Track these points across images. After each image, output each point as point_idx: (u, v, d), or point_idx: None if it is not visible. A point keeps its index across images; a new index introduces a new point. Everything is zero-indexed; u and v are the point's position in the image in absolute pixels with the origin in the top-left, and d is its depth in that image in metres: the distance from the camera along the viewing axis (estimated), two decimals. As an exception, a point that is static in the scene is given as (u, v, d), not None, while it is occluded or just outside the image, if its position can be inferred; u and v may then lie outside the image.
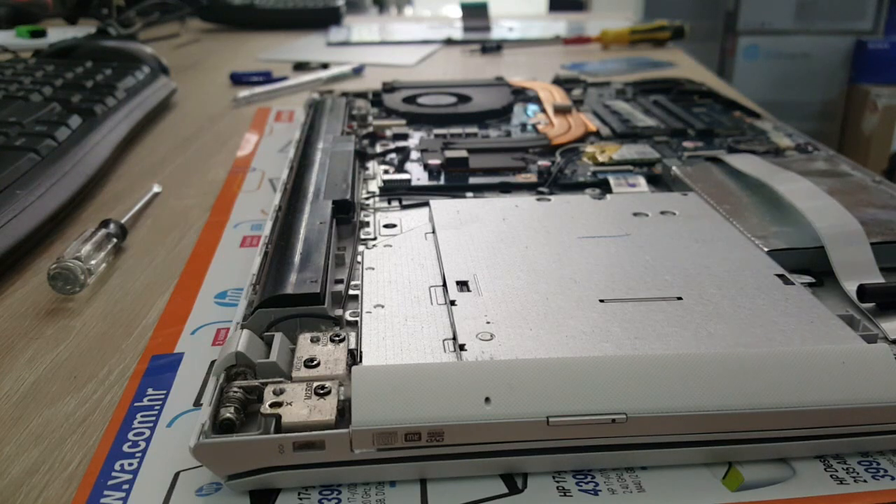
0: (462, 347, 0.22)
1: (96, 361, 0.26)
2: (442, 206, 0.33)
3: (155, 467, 0.21)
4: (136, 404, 0.23)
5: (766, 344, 0.22)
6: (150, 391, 0.24)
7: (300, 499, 0.19)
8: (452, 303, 0.25)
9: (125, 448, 0.21)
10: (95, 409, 0.23)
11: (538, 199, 0.33)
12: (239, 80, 0.69)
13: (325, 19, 1.01)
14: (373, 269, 0.27)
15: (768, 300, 0.24)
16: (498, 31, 0.95)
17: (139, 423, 0.23)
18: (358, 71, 0.73)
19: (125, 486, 0.20)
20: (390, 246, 0.29)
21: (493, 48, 0.84)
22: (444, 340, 0.23)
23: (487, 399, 0.19)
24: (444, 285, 0.26)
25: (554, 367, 0.20)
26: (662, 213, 0.32)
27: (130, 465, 0.21)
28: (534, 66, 0.75)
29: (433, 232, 0.30)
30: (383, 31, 0.99)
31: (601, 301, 0.25)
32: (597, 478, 0.20)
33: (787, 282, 0.26)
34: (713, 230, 0.30)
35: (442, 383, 0.19)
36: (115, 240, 0.34)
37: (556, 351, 0.22)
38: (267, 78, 0.69)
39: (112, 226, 0.34)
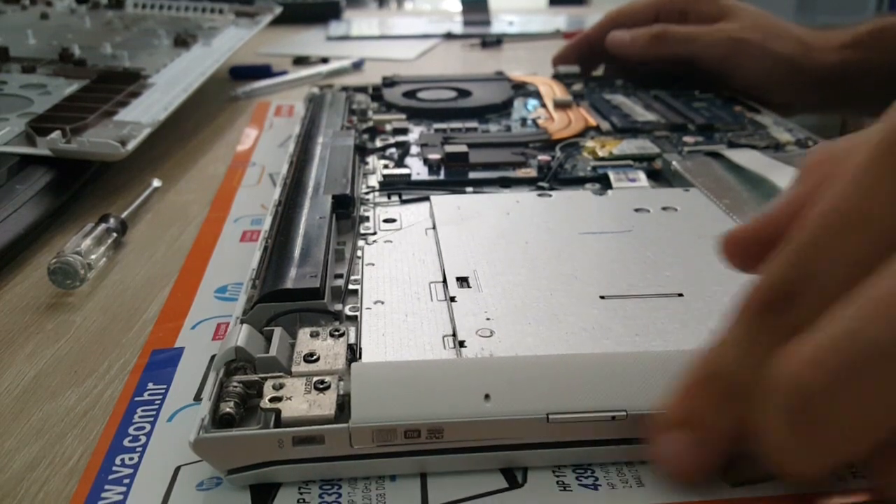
0: (462, 344, 0.22)
1: (97, 356, 0.26)
2: (443, 202, 0.32)
3: (155, 462, 0.21)
4: (136, 399, 0.24)
5: None
6: (150, 386, 0.24)
7: (300, 493, 0.20)
8: (452, 299, 0.25)
9: (126, 442, 0.21)
10: (96, 404, 0.23)
11: (539, 195, 0.33)
12: (238, 74, 0.69)
13: (325, 13, 1.01)
14: (373, 264, 0.27)
15: None
16: (498, 26, 0.95)
17: (139, 417, 0.23)
18: (358, 65, 0.73)
19: (126, 481, 0.20)
20: (391, 242, 0.29)
21: (493, 42, 0.84)
22: (444, 337, 0.23)
23: (487, 396, 0.19)
24: (445, 281, 0.26)
25: (554, 363, 0.20)
26: (664, 208, 0.32)
27: (131, 459, 0.21)
28: (534, 60, 0.74)
29: (434, 228, 0.30)
30: (383, 26, 0.98)
31: (602, 297, 0.25)
32: (596, 472, 0.20)
33: None
34: (715, 226, 0.30)
35: (441, 380, 0.19)
36: (114, 234, 0.34)
37: (556, 347, 0.22)
38: (266, 72, 0.69)
39: (112, 220, 0.34)
